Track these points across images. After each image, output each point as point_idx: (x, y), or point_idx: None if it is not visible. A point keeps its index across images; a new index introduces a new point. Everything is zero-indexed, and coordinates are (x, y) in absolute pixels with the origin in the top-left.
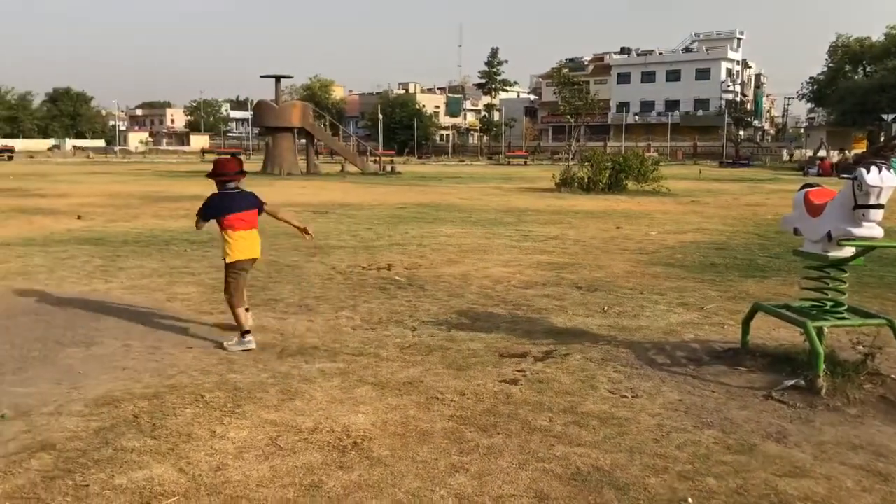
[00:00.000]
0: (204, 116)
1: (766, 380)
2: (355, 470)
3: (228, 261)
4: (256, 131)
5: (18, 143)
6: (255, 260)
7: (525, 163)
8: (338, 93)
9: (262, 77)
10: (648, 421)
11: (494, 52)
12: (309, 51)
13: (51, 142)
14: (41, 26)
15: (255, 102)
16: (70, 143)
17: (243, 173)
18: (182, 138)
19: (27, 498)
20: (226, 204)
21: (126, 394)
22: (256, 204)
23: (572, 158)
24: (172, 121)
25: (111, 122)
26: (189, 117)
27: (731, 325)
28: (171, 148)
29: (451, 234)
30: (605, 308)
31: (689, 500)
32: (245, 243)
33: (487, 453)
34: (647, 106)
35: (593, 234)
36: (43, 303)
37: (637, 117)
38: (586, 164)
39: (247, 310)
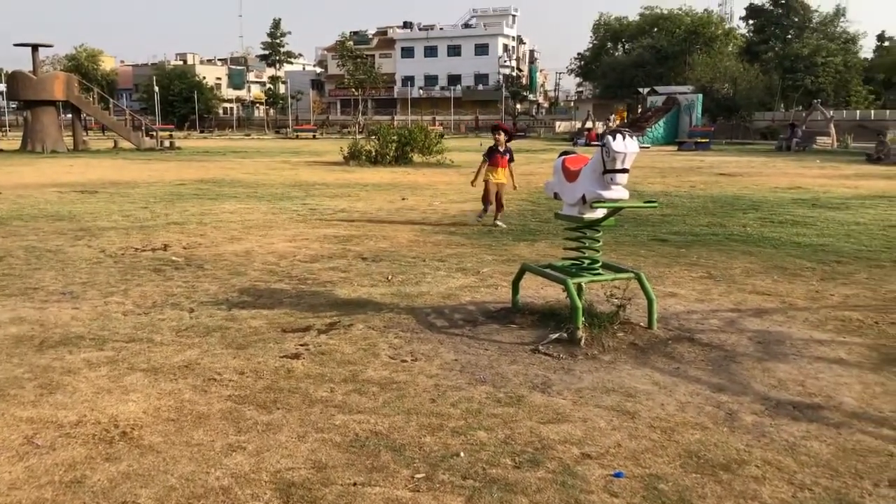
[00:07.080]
0: None
1: (534, 335)
2: (123, 461)
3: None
4: (14, 105)
5: None
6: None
7: (314, 136)
8: (108, 64)
9: (15, 45)
10: (426, 382)
11: (277, 23)
12: (74, 18)
13: None
14: None
15: (8, 73)
16: None
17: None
18: None
19: None
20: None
21: None
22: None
23: (360, 132)
24: None
25: None
26: None
27: (504, 286)
28: None
29: (234, 211)
30: (389, 277)
31: (462, 454)
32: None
33: (266, 430)
34: (430, 80)
35: (380, 205)
36: None
37: (422, 91)
38: (373, 137)
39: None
